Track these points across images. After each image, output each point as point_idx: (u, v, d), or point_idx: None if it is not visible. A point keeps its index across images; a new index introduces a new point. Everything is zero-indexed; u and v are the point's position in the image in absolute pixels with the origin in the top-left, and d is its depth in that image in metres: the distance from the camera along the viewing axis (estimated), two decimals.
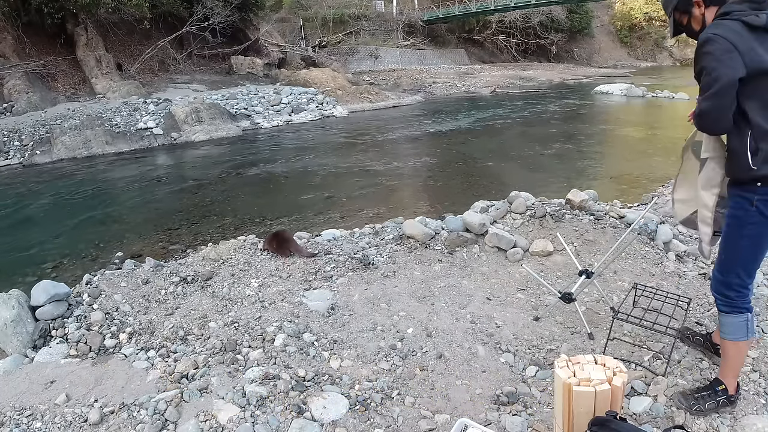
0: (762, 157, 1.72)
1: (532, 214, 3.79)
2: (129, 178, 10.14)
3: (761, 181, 1.75)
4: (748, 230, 1.82)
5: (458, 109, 18.59)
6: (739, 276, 1.89)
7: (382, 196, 8.04)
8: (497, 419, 2.06)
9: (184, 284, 3.32)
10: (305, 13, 32.08)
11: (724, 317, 1.95)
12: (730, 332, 1.94)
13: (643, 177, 8.05)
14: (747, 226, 1.82)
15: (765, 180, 1.74)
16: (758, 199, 1.76)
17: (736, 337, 1.93)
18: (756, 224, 1.80)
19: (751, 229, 1.81)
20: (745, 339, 1.93)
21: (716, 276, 1.96)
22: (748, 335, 1.93)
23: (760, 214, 1.78)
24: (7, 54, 15.96)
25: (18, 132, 12.53)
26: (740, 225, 1.84)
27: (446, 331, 2.69)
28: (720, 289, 1.94)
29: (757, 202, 1.77)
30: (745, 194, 1.80)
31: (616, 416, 1.59)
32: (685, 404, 2.02)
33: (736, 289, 1.90)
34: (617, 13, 48.83)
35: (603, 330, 2.59)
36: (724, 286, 1.92)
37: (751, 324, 1.93)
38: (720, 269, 1.94)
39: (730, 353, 1.98)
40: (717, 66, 1.66)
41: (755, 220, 1.79)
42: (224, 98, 16.70)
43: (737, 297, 1.91)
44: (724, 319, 1.95)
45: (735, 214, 1.85)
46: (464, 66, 33.00)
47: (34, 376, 2.41)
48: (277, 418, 2.03)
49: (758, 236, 1.83)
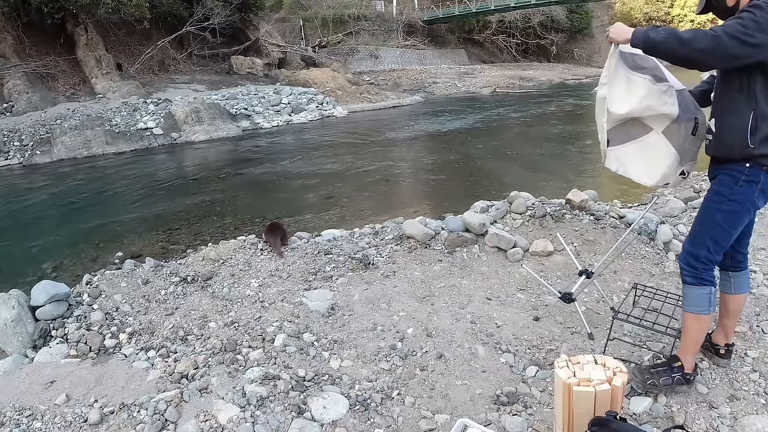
0: (760, 137, 1.79)
1: (532, 214, 3.79)
2: (129, 178, 10.14)
3: (751, 161, 1.82)
4: (727, 206, 1.89)
5: (458, 109, 18.59)
6: (708, 249, 1.95)
7: (382, 196, 8.04)
8: (497, 419, 2.06)
9: (184, 284, 3.32)
10: (305, 13, 32.09)
11: (688, 288, 2.01)
12: (692, 304, 2.00)
13: None
14: (726, 203, 1.89)
15: (755, 159, 1.81)
16: (744, 178, 1.84)
17: (699, 310, 1.99)
18: (735, 202, 1.88)
19: (730, 205, 1.89)
20: (707, 313, 1.99)
21: (686, 247, 2.02)
22: (710, 309, 1.99)
23: (741, 194, 1.86)
24: (7, 54, 15.97)
25: (18, 132, 12.54)
26: (720, 200, 1.91)
27: (446, 331, 2.69)
28: (688, 259, 2.00)
29: (743, 182, 1.85)
30: (732, 172, 1.87)
31: (616, 416, 1.59)
32: (639, 378, 2.06)
33: (703, 261, 1.96)
34: (617, 13, 48.88)
35: (603, 330, 2.59)
36: (692, 257, 1.98)
37: (713, 298, 1.99)
38: (691, 241, 2.01)
39: (691, 327, 2.03)
40: (757, 28, 1.67)
41: (736, 198, 1.87)
42: (224, 98, 16.72)
43: (703, 269, 1.97)
44: (688, 291, 2.01)
45: (718, 189, 1.93)
46: (464, 66, 33.00)
47: (34, 376, 2.41)
48: (277, 418, 2.03)
49: (734, 213, 1.90)
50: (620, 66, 2.01)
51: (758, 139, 1.79)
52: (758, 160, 1.81)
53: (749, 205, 1.89)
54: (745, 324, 2.55)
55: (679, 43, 1.73)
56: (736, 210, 1.90)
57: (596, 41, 46.31)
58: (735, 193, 1.87)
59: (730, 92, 1.87)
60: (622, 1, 48.60)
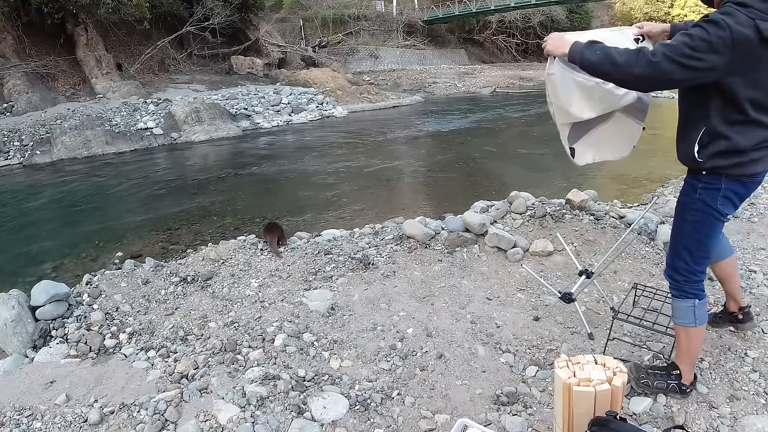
0: (709, 153, 1.76)
1: (532, 214, 3.79)
2: (129, 178, 10.14)
3: (706, 170, 1.80)
4: (692, 216, 1.87)
5: (458, 109, 18.60)
6: (685, 261, 1.93)
7: (382, 196, 8.04)
8: (497, 419, 2.06)
9: (184, 284, 3.32)
10: (305, 13, 32.09)
11: (674, 301, 2.02)
12: (678, 316, 2.00)
13: (643, 177, 8.05)
14: (691, 212, 1.88)
15: (709, 170, 1.79)
16: (702, 186, 1.82)
17: (685, 323, 1.98)
18: (698, 211, 1.85)
19: (694, 215, 1.87)
20: (693, 326, 1.96)
21: (667, 261, 2.03)
22: (696, 322, 1.95)
23: (702, 202, 1.83)
24: (7, 54, 15.96)
25: (18, 132, 12.54)
26: (684, 211, 1.91)
27: (446, 331, 2.69)
28: (669, 272, 2.01)
29: (701, 190, 1.83)
30: (692, 181, 1.87)
31: (616, 416, 1.59)
32: (634, 374, 2.06)
33: (683, 273, 1.94)
34: (617, 13, 48.85)
35: (603, 330, 2.59)
36: (672, 269, 1.98)
37: (699, 311, 1.94)
38: (670, 254, 2.01)
39: (680, 338, 2.03)
40: (706, 49, 1.53)
41: (698, 207, 1.85)
42: (224, 98, 16.71)
43: (684, 282, 1.94)
44: (674, 303, 2.02)
45: (682, 200, 1.93)
46: (464, 66, 32.99)
47: (34, 376, 2.41)
48: (277, 418, 2.03)
49: (700, 222, 1.87)
50: (566, 73, 1.97)
51: (707, 154, 1.76)
52: (714, 170, 1.78)
53: (713, 212, 1.83)
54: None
55: (613, 67, 1.64)
56: (701, 219, 1.86)
57: None
58: (696, 202, 1.85)
59: (685, 102, 1.84)
60: (622, 1, 48.57)
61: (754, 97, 1.64)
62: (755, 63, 1.58)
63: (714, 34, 1.52)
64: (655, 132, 13.17)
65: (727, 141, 1.70)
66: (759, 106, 1.65)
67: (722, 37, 1.52)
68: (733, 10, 1.54)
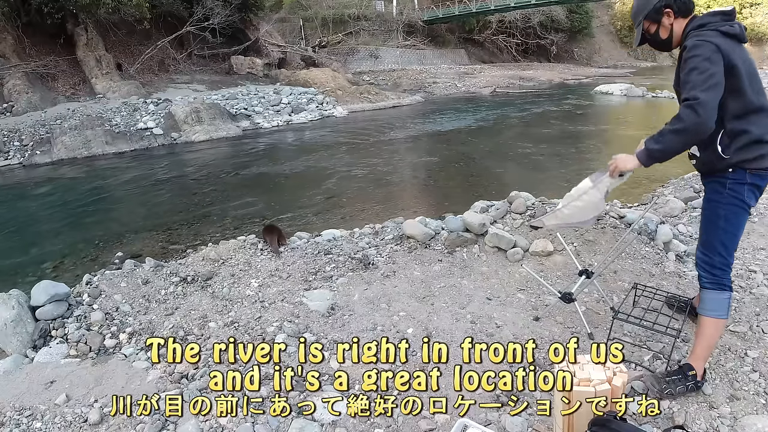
0: (733, 149, 1.92)
1: (532, 214, 3.79)
2: (129, 178, 10.14)
3: (732, 167, 1.95)
4: (724, 210, 2.01)
5: (458, 109, 18.60)
6: (721, 254, 2.05)
7: (382, 196, 8.04)
8: (497, 419, 2.06)
9: (184, 284, 3.32)
10: (305, 13, 32.07)
11: (708, 293, 2.07)
12: (712, 308, 2.06)
13: (643, 177, 8.04)
14: (722, 207, 2.01)
15: (735, 166, 1.94)
16: (730, 182, 1.97)
17: (718, 314, 2.05)
18: (729, 205, 1.99)
19: (726, 209, 2.00)
20: (725, 317, 2.07)
21: (700, 256, 2.12)
22: (727, 314, 2.07)
23: (732, 196, 1.98)
24: (7, 54, 15.95)
25: (18, 132, 12.53)
26: (716, 206, 2.03)
27: (446, 331, 2.69)
28: (705, 268, 2.08)
29: (730, 185, 1.97)
30: (720, 179, 2.00)
31: (616, 416, 1.59)
32: (657, 387, 2.09)
33: (719, 266, 2.05)
34: (617, 13, 48.83)
35: (603, 330, 2.59)
36: (708, 264, 2.07)
37: (730, 303, 2.07)
38: (703, 249, 2.10)
39: (709, 331, 2.07)
40: (710, 66, 1.80)
41: (728, 201, 1.99)
42: (224, 98, 16.70)
43: (722, 274, 2.06)
44: (708, 295, 2.07)
45: (710, 197, 2.06)
46: (464, 66, 32.98)
47: (34, 376, 2.41)
48: (277, 418, 2.03)
49: (732, 215, 2.01)
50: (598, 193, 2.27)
51: (732, 151, 1.92)
52: (739, 164, 1.94)
53: (743, 204, 1.99)
54: (745, 324, 2.55)
55: (682, 136, 1.84)
56: (733, 213, 2.00)
57: (596, 41, 46.34)
58: (726, 197, 1.99)
59: None
60: (622, 1, 48.55)
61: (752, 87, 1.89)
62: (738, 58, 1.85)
63: (703, 50, 1.81)
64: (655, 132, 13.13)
65: (746, 134, 1.90)
66: (758, 92, 1.90)
67: (709, 48, 1.81)
68: (697, 32, 1.89)
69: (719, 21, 1.92)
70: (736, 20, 1.94)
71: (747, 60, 1.90)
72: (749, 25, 42.64)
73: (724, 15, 1.94)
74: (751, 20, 43.42)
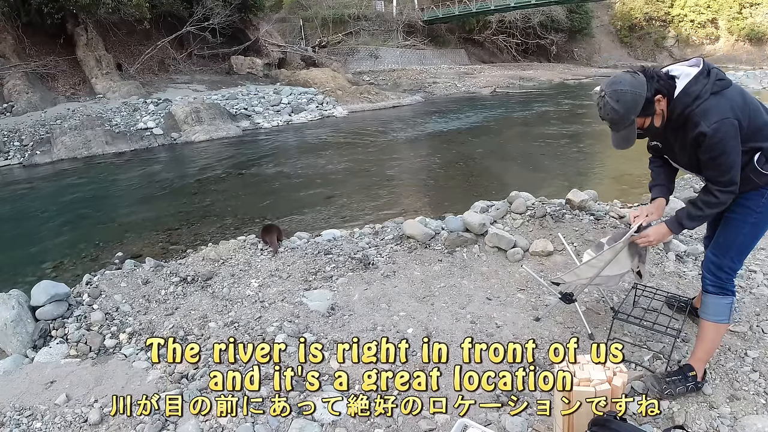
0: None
1: (532, 214, 3.79)
2: (129, 178, 10.15)
3: None
4: (754, 218, 1.98)
5: (458, 109, 18.60)
6: (732, 260, 2.03)
7: (382, 196, 8.04)
8: (497, 419, 2.06)
9: (184, 284, 3.32)
10: (305, 13, 32.08)
11: (711, 298, 2.06)
12: (713, 313, 2.05)
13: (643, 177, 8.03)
14: (754, 215, 1.97)
15: None
16: None
17: (719, 319, 2.05)
18: (762, 214, 1.97)
19: (756, 217, 1.97)
20: (727, 322, 2.06)
21: (710, 257, 2.09)
22: (729, 319, 2.07)
23: (766, 206, 1.95)
24: (7, 54, 15.96)
25: (18, 132, 12.54)
26: (748, 213, 1.98)
27: (446, 331, 2.69)
28: (712, 269, 2.06)
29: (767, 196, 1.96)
30: (758, 191, 1.96)
31: (616, 416, 1.59)
32: (657, 388, 2.09)
33: (727, 271, 2.03)
34: (617, 13, 48.83)
35: (603, 330, 2.59)
36: (717, 267, 2.05)
37: (732, 308, 2.06)
38: (715, 251, 2.07)
39: (710, 335, 2.07)
40: (735, 144, 1.81)
41: (762, 210, 1.96)
42: (224, 98, 16.71)
43: (727, 279, 2.04)
44: (710, 300, 2.06)
45: (744, 203, 1.99)
46: (464, 66, 32.99)
47: (34, 376, 2.41)
48: (277, 418, 2.03)
49: (759, 224, 2.00)
50: None
51: None
52: None
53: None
54: (745, 324, 2.55)
55: (714, 210, 1.93)
56: (763, 222, 2.00)
57: (596, 41, 46.34)
58: (761, 206, 1.96)
59: None
60: (622, 1, 48.56)
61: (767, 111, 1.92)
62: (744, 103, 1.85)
63: (727, 131, 1.79)
64: None
65: None
66: None
67: (731, 125, 1.79)
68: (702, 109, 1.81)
69: (708, 84, 1.81)
70: (710, 68, 1.85)
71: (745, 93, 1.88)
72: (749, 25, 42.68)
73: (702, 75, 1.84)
74: (751, 20, 43.31)
